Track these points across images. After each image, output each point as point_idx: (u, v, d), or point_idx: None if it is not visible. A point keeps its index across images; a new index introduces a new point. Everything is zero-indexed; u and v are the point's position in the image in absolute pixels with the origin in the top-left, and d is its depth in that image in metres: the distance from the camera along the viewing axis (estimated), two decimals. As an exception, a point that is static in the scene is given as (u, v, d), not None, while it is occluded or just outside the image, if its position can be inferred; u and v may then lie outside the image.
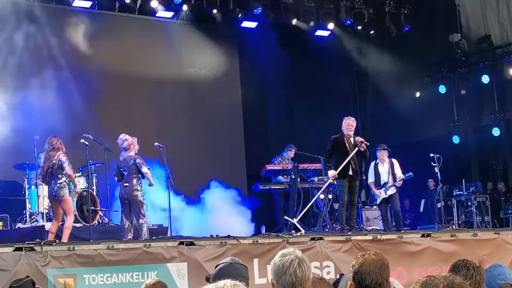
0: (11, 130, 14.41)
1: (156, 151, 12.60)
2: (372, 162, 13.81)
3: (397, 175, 13.39)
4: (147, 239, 10.57)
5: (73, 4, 15.97)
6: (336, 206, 14.83)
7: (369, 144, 12.97)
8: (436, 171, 14.00)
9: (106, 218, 13.49)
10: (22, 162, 13.23)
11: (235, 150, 18.11)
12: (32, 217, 12.71)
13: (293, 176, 14.02)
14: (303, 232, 11.50)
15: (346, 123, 12.56)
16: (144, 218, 11.41)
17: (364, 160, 12.98)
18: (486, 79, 18.16)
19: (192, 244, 9.50)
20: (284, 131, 18.78)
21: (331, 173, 12.36)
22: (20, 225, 12.71)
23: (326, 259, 10.16)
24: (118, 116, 16.25)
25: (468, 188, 17.48)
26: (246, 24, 18.09)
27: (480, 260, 4.58)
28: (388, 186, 13.33)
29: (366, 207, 16.46)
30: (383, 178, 13.44)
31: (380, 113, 19.74)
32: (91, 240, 10.26)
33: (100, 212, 13.21)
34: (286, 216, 13.24)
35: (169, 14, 17.27)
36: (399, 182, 13.34)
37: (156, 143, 12.55)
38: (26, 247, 8.43)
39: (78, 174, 13.07)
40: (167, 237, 11.08)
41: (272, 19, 17.84)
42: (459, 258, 4.73)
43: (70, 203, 11.22)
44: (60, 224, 11.22)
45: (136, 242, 9.91)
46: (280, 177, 14.80)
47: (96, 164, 13.43)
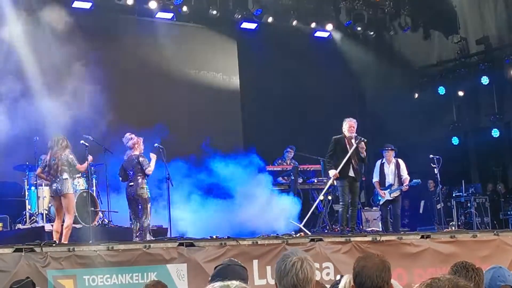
0: (11, 131, 14.41)
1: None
2: (378, 161, 13.64)
3: (403, 177, 13.23)
4: (147, 240, 10.58)
5: (72, 5, 15.97)
6: (335, 207, 14.85)
7: (366, 140, 12.93)
8: (435, 173, 13.99)
9: (106, 219, 13.49)
10: (22, 163, 13.24)
11: (233, 149, 18.10)
12: (32, 218, 12.70)
13: (292, 177, 14.03)
14: (302, 233, 11.52)
15: (348, 124, 12.54)
16: (148, 218, 11.44)
17: (363, 164, 12.93)
18: (485, 80, 18.18)
19: (191, 245, 9.51)
20: (283, 132, 18.77)
21: (332, 172, 12.33)
22: (20, 226, 12.69)
23: (325, 260, 10.17)
24: (117, 117, 16.24)
25: (468, 189, 17.48)
26: (246, 25, 18.09)
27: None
28: (394, 188, 13.21)
29: (365, 208, 16.46)
30: (389, 180, 13.30)
31: (379, 114, 19.74)
32: (91, 241, 10.26)
33: (100, 213, 13.21)
34: (291, 220, 13.23)
35: (168, 15, 17.27)
36: (406, 187, 13.22)
37: (156, 144, 12.58)
38: (26, 248, 8.44)
39: (78, 175, 13.07)
40: (167, 238, 11.09)
41: (271, 20, 17.84)
42: (458, 260, 4.75)
43: (73, 201, 11.25)
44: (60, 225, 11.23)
45: (136, 243, 9.92)
46: (280, 178, 14.82)
47: (96, 165, 13.42)
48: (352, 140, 12.42)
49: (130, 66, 16.74)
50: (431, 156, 13.94)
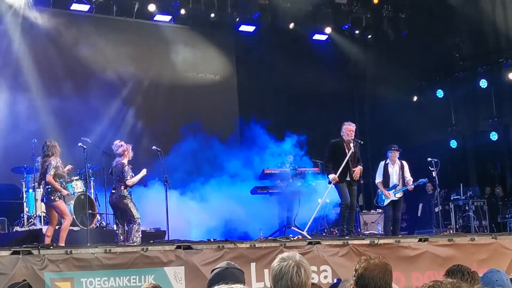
0: (9, 133, 14.41)
1: (154, 154, 12.61)
2: (382, 162, 13.39)
3: (406, 178, 13.09)
4: (145, 243, 10.56)
5: (71, 8, 15.97)
6: (333, 210, 14.85)
7: (363, 142, 12.89)
8: (434, 176, 13.96)
9: (103, 222, 13.47)
10: (20, 166, 13.23)
11: (231, 153, 18.09)
12: (30, 220, 12.68)
13: (290, 180, 14.01)
14: (300, 236, 11.51)
15: (347, 128, 12.51)
16: (135, 222, 11.36)
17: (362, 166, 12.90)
18: (484, 83, 18.20)
19: (189, 248, 9.49)
20: (282, 135, 18.75)
21: (332, 177, 12.31)
22: (17, 228, 12.68)
23: (323, 264, 10.15)
24: (116, 119, 16.25)
25: (466, 192, 17.48)
26: (244, 28, 18.08)
27: None
28: (399, 189, 13.08)
29: (364, 211, 16.46)
30: (393, 180, 13.10)
31: (377, 117, 19.74)
32: (89, 244, 10.24)
33: (97, 215, 13.20)
34: (292, 227, 13.22)
35: (166, 18, 17.27)
36: (411, 186, 13.08)
37: (154, 147, 12.58)
38: (23, 250, 8.42)
39: (75, 178, 13.07)
40: (165, 240, 11.07)
41: (269, 23, 17.84)
42: (456, 263, 4.75)
43: (63, 207, 11.12)
44: (57, 227, 11.20)
45: (133, 246, 9.90)
46: (278, 181, 14.79)
47: (94, 168, 13.42)
48: (351, 144, 12.40)
49: (127, 69, 16.73)
50: (429, 159, 13.90)
